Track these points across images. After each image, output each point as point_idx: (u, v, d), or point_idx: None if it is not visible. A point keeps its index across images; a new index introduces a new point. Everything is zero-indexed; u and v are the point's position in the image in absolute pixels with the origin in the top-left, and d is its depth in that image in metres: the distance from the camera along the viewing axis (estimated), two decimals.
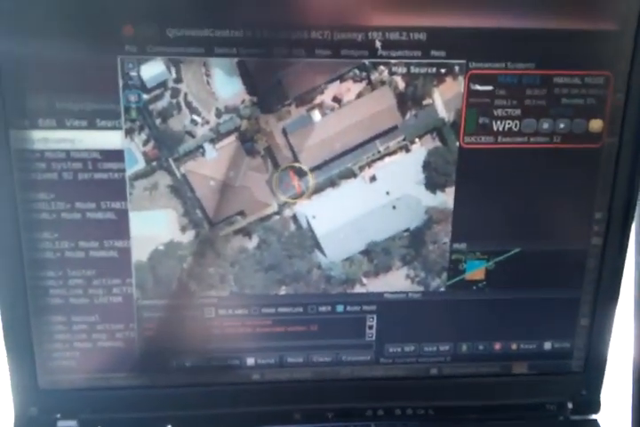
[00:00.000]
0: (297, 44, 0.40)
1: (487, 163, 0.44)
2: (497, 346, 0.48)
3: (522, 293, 0.47)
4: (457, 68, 0.42)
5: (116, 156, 0.41)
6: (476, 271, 0.46)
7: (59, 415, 0.46)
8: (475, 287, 0.46)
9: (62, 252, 0.43)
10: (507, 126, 0.43)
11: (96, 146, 0.41)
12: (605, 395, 0.50)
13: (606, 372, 0.49)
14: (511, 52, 0.42)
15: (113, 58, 0.40)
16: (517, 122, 0.43)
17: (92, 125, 0.41)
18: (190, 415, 0.47)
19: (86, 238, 0.43)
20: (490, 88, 0.42)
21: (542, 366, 0.49)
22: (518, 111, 0.43)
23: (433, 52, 0.41)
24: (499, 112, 0.43)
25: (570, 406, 0.49)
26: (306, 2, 0.40)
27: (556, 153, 0.44)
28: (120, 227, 0.43)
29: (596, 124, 0.43)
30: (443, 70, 0.42)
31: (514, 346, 0.48)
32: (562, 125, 0.43)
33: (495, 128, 0.43)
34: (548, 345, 0.48)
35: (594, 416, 0.50)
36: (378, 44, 0.41)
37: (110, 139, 0.41)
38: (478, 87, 0.42)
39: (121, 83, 0.40)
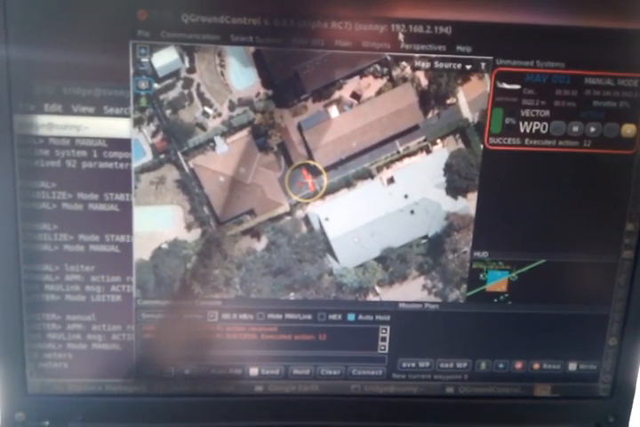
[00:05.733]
0: (316, 35, 0.39)
1: (512, 166, 0.42)
2: (518, 365, 0.45)
3: (546, 308, 0.44)
4: (483, 64, 0.40)
5: (123, 145, 0.40)
6: (497, 282, 0.43)
7: (47, 423, 0.43)
8: (496, 300, 0.44)
9: (61, 245, 0.41)
10: (534, 128, 0.41)
11: (102, 134, 0.39)
12: (635, 423, 0.47)
13: (636, 397, 0.46)
14: (541, 49, 0.40)
15: (125, 43, 0.38)
16: (546, 124, 0.41)
17: (99, 112, 0.39)
18: None
19: (87, 231, 0.41)
20: (517, 87, 0.40)
21: (567, 389, 0.46)
22: (547, 112, 0.41)
23: (458, 48, 0.40)
24: (526, 113, 0.41)
25: None
26: None
27: (585, 158, 0.42)
28: (123, 221, 0.41)
29: (629, 129, 0.41)
30: (468, 67, 0.40)
31: (536, 366, 0.45)
32: (593, 129, 0.41)
33: (522, 129, 0.41)
34: (572, 366, 0.45)
35: None
36: (401, 36, 0.39)
37: (117, 127, 0.39)
38: (505, 86, 0.40)
39: (132, 69, 0.39)
